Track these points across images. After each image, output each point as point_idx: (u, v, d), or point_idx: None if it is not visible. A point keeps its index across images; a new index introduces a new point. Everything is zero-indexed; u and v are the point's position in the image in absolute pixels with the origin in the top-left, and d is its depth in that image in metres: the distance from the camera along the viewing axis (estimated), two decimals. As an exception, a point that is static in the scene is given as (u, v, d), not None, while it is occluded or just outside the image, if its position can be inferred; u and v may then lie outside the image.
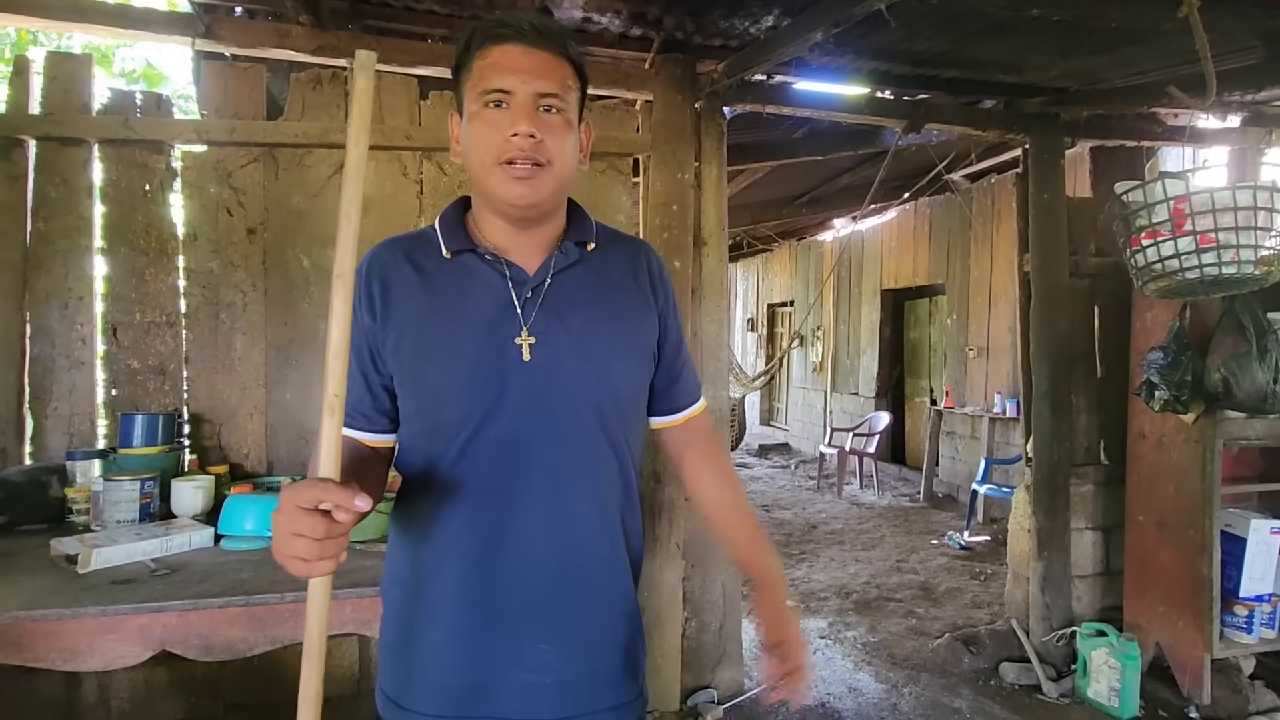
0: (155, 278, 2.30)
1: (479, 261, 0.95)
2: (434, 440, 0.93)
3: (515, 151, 0.88)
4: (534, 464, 0.91)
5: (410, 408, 0.95)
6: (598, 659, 0.96)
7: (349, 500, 0.73)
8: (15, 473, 1.97)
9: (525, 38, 0.89)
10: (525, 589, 0.92)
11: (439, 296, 0.94)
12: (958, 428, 6.43)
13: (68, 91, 2.24)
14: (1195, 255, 1.81)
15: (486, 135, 0.89)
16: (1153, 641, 2.79)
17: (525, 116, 0.87)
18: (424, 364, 0.92)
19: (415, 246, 0.98)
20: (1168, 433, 2.75)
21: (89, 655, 1.37)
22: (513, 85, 0.88)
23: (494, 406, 0.91)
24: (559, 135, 0.90)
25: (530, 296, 0.94)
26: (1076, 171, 3.79)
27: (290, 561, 0.74)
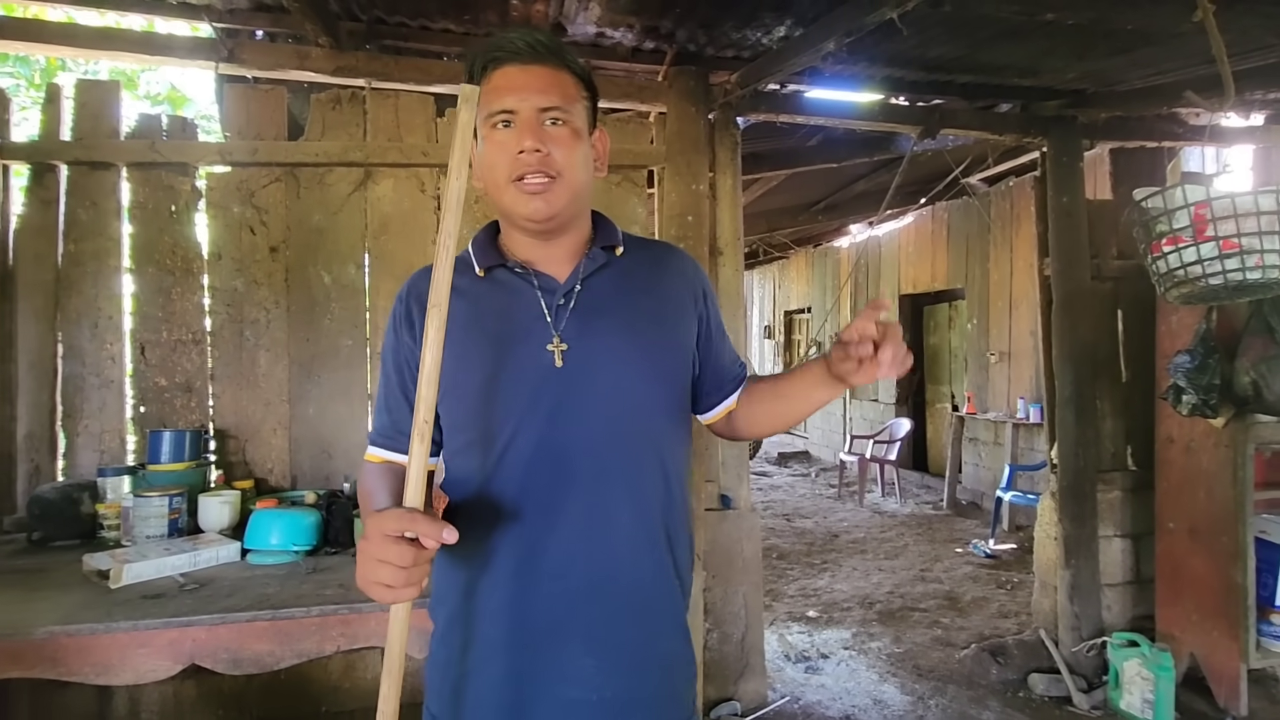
0: (181, 296, 2.35)
1: (510, 275, 0.98)
2: (471, 454, 0.94)
3: (524, 168, 0.90)
4: (571, 473, 0.91)
5: (449, 423, 0.97)
6: (642, 677, 0.94)
7: (437, 532, 0.76)
8: (49, 490, 2.01)
9: (520, 56, 0.91)
10: (566, 602, 0.91)
11: (472, 311, 0.95)
12: (980, 434, 6.35)
13: (97, 117, 2.31)
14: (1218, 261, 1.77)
15: (497, 156, 0.91)
16: (1187, 652, 2.72)
17: (530, 132, 0.89)
18: (459, 378, 0.93)
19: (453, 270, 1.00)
20: (1197, 437, 2.69)
21: (121, 669, 1.40)
22: (514, 104, 0.90)
23: (528, 416, 0.91)
24: (566, 146, 0.91)
25: (562, 304, 0.95)
26: (1096, 173, 3.74)
27: (374, 588, 0.76)
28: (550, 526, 0.91)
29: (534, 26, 0.95)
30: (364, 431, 2.42)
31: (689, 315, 1.03)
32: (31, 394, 2.25)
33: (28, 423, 2.24)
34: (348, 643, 1.52)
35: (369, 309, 2.44)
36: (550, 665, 0.90)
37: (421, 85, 2.49)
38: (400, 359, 0.98)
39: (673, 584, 0.98)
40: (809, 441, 9.96)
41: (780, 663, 3.18)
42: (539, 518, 0.92)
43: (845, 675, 3.08)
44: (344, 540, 1.90)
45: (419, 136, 2.46)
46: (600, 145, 1.01)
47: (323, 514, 1.92)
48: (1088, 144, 3.09)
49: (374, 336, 2.43)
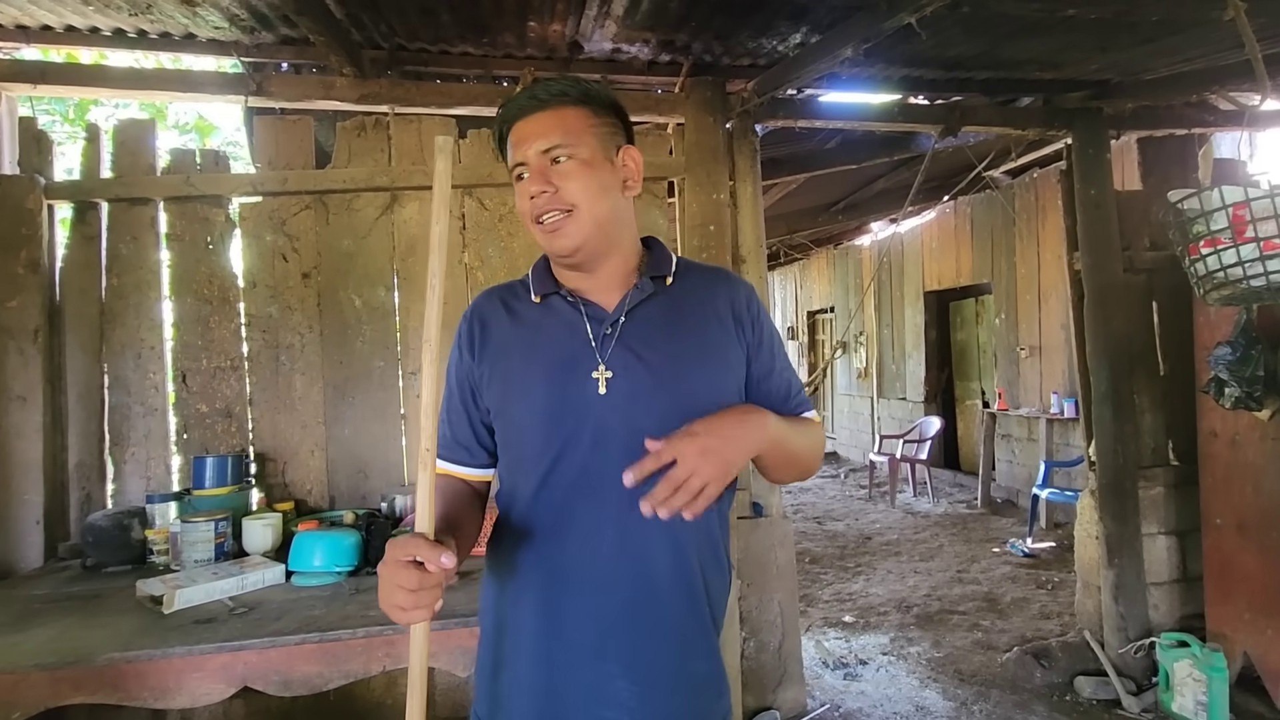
0: (219, 324, 2.42)
1: (562, 302, 1.02)
2: (517, 473, 1.00)
3: (540, 210, 0.96)
4: (610, 498, 0.93)
5: (501, 440, 1.03)
6: (673, 699, 0.96)
7: (435, 556, 0.80)
8: (100, 517, 2.08)
9: (524, 111, 0.97)
10: (600, 623, 0.94)
11: (525, 336, 1.01)
12: (1013, 430, 6.24)
13: (135, 154, 2.39)
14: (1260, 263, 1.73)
15: (521, 205, 1.00)
16: (1240, 651, 2.64)
17: (535, 178, 0.96)
18: (509, 399, 1.00)
19: (510, 293, 1.07)
20: (1242, 431, 2.62)
21: (177, 693, 1.44)
22: (523, 155, 0.97)
23: (570, 440, 0.95)
24: (575, 178, 0.95)
25: (609, 333, 0.98)
26: (1124, 163, 3.67)
27: (391, 610, 0.81)
28: (589, 549, 0.94)
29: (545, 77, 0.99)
30: (398, 450, 2.47)
31: (734, 344, 1.02)
32: (81, 424, 2.33)
33: (78, 452, 2.32)
34: (392, 663, 1.55)
35: (399, 330, 2.48)
36: (586, 684, 0.93)
37: (443, 108, 2.54)
38: (462, 375, 1.04)
39: (704, 608, 0.99)
40: (837, 442, 9.87)
41: (818, 670, 3.16)
42: (578, 539, 0.95)
43: (885, 681, 3.05)
44: (384, 560, 1.93)
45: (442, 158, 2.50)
46: (631, 163, 1.02)
47: (362, 534, 1.96)
48: (1114, 134, 3.04)
49: (405, 357, 2.47)
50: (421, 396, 0.87)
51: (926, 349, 7.56)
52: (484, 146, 2.52)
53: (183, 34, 2.34)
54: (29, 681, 1.39)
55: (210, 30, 2.30)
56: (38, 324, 2.25)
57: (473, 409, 1.04)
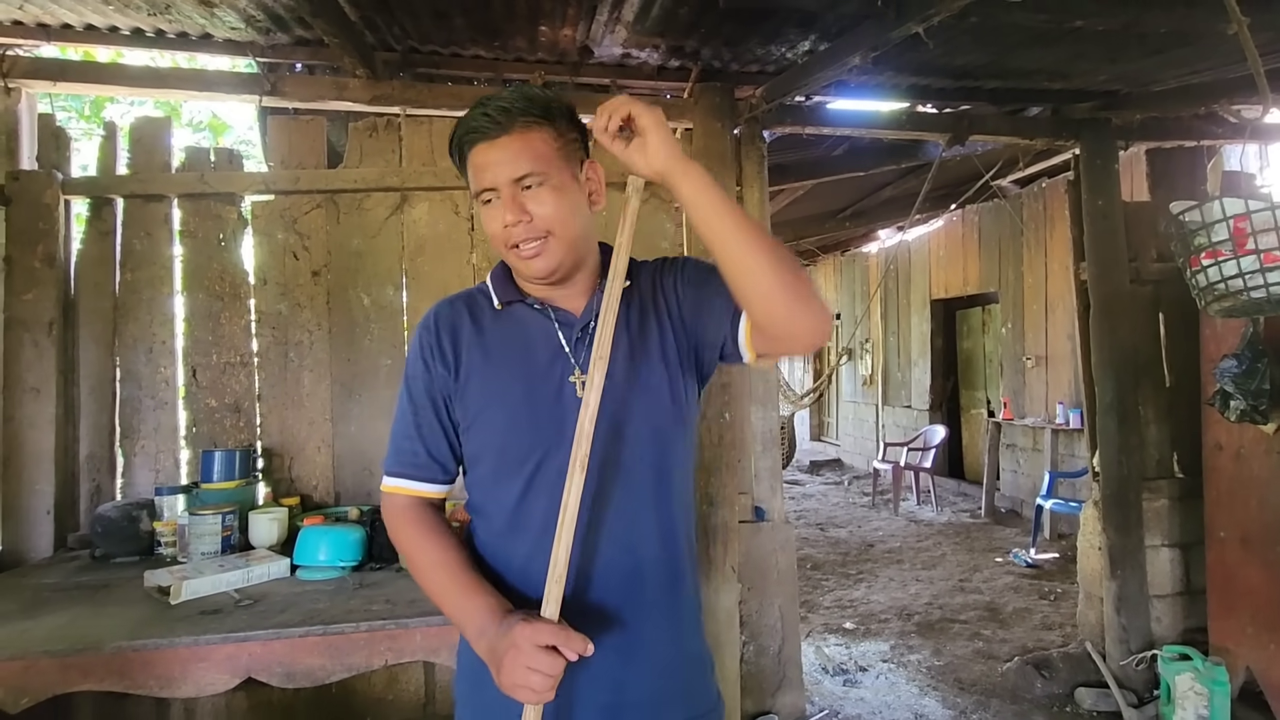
0: (230, 320, 2.45)
1: (528, 310, 1.03)
2: (500, 479, 1.00)
3: (515, 238, 0.95)
4: (597, 492, 0.96)
5: (476, 450, 1.02)
6: (668, 678, 1.00)
7: (582, 646, 0.84)
8: (110, 509, 2.11)
9: (488, 134, 0.93)
10: (591, 616, 0.95)
11: (496, 345, 1.02)
12: (1018, 440, 6.22)
13: (150, 152, 2.43)
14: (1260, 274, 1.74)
15: (490, 227, 0.97)
16: (1242, 665, 2.63)
17: (509, 206, 0.93)
18: (489, 409, 1.00)
19: (471, 301, 1.06)
20: (1247, 444, 2.62)
21: (182, 682, 1.46)
22: (490, 181, 0.94)
23: (554, 443, 0.96)
24: (548, 204, 0.94)
25: (579, 338, 1.01)
26: (1133, 174, 3.68)
27: (521, 691, 0.84)
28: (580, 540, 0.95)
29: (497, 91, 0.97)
30: (404, 448, 2.48)
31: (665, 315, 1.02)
32: (92, 416, 2.36)
33: (89, 444, 2.35)
34: (394, 657, 1.56)
35: (407, 329, 2.51)
36: (584, 674, 0.93)
37: (454, 110, 2.56)
38: (434, 390, 1.02)
39: (690, 587, 1.04)
40: (841, 449, 9.86)
41: (818, 675, 3.16)
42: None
43: (885, 688, 3.05)
44: (388, 556, 1.95)
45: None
46: (595, 178, 1.01)
47: (367, 530, 1.98)
48: (1122, 145, 3.04)
49: (412, 356, 2.49)
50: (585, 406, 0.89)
51: (932, 357, 7.54)
52: (494, 149, 2.54)
53: (199, 34, 2.38)
54: (38, 667, 1.41)
55: (226, 31, 2.34)
56: (52, 317, 2.28)
57: (446, 422, 1.02)
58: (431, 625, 1.57)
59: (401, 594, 1.70)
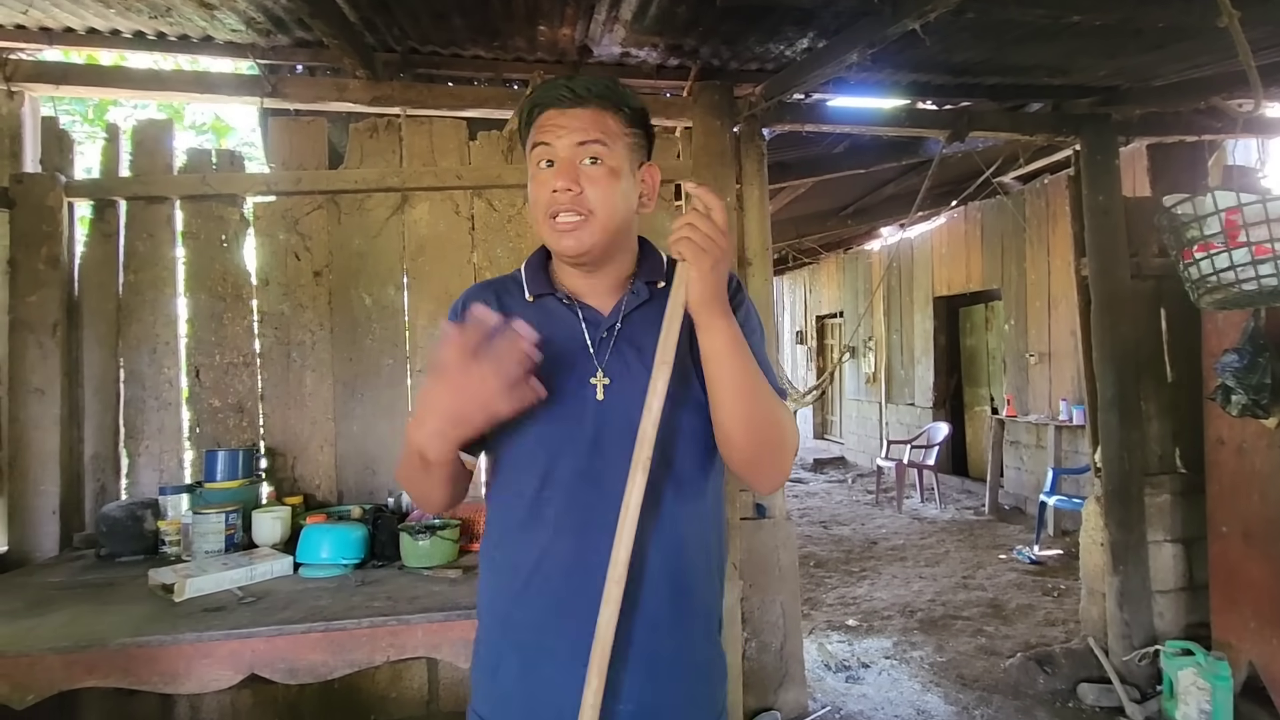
0: (232, 321, 2.46)
1: (557, 304, 1.02)
2: (515, 473, 1.00)
3: (557, 205, 0.94)
4: (607, 496, 0.94)
5: (491, 441, 1.01)
6: (675, 686, 0.98)
7: None
8: (115, 508, 2.12)
9: (562, 102, 0.95)
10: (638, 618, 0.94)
11: None
12: (1022, 437, 6.21)
13: (153, 154, 2.44)
14: (1251, 267, 1.74)
15: (537, 193, 0.97)
16: (1245, 660, 2.63)
17: (562, 172, 0.94)
18: None
19: (503, 288, 1.06)
20: (1248, 438, 2.61)
21: (186, 678, 1.47)
22: (551, 141, 0.95)
23: (570, 442, 0.96)
24: (601, 185, 0.94)
25: (604, 337, 0.99)
26: (1134, 170, 3.66)
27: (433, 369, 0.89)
28: (586, 547, 0.95)
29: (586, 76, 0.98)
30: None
31: None
32: (97, 417, 2.38)
33: (94, 444, 2.37)
34: (396, 653, 1.58)
35: (408, 328, 2.52)
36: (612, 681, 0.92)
37: (454, 110, 2.58)
38: None
39: (702, 597, 1.01)
40: (845, 447, 9.85)
41: (820, 672, 3.16)
42: (576, 538, 0.96)
43: (887, 685, 3.05)
44: (390, 554, 1.97)
45: (452, 160, 2.54)
46: (650, 179, 1.02)
47: (369, 528, 1.99)
48: (1123, 140, 3.03)
49: (414, 355, 2.50)
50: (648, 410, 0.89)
51: (935, 354, 7.54)
52: (494, 149, 2.56)
53: (200, 36, 2.39)
54: (44, 664, 1.43)
55: (227, 33, 2.35)
56: (57, 318, 2.30)
57: None
58: (433, 621, 1.58)
59: (403, 591, 1.72)
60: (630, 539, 0.88)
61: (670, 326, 0.91)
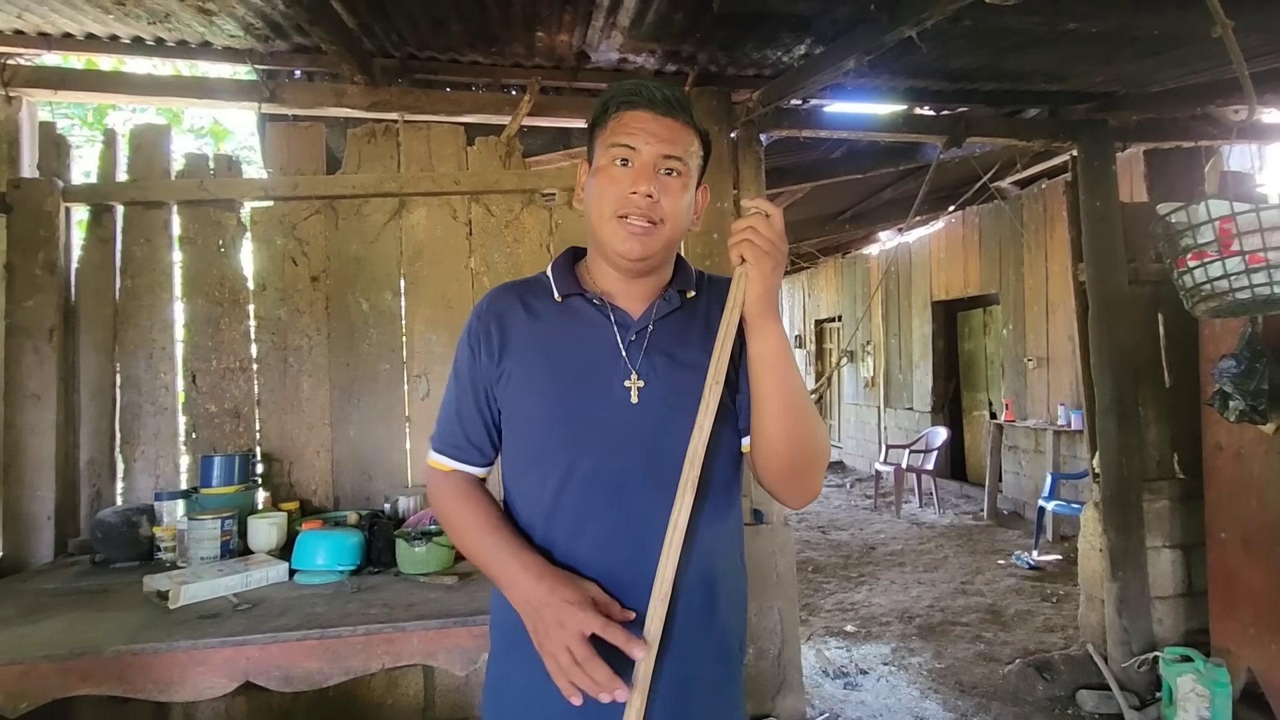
0: (229, 326, 2.46)
1: (586, 305, 1.01)
2: (530, 474, 0.99)
3: (632, 208, 0.94)
4: (624, 502, 0.94)
5: (514, 441, 1.01)
6: (696, 698, 0.96)
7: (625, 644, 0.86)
8: (110, 514, 2.12)
9: (656, 106, 0.95)
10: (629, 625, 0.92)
11: (549, 336, 1.00)
12: (1020, 441, 6.21)
13: (150, 159, 2.44)
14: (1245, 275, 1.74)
15: (608, 189, 0.96)
16: (1244, 667, 2.62)
17: (646, 177, 0.94)
18: (529, 400, 0.98)
19: (529, 290, 1.05)
20: (1247, 444, 2.61)
21: (181, 686, 1.47)
22: (639, 145, 0.95)
23: (594, 444, 0.95)
24: (675, 196, 0.95)
25: (634, 340, 0.99)
26: (1131, 175, 3.67)
27: (548, 658, 0.87)
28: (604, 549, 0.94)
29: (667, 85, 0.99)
30: (402, 452, 2.49)
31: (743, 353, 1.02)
32: (93, 422, 2.37)
33: (90, 449, 2.36)
34: (392, 660, 1.57)
35: (405, 334, 2.52)
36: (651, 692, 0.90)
37: (452, 116, 2.58)
38: (476, 376, 1.02)
39: (721, 612, 0.99)
40: (843, 451, 9.84)
41: (818, 678, 3.15)
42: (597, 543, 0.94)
43: (886, 691, 3.04)
44: (386, 560, 1.96)
45: (450, 165, 2.54)
46: (702, 199, 1.03)
47: (365, 534, 1.98)
48: (1120, 146, 3.04)
49: (411, 360, 2.50)
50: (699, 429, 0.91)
51: (934, 359, 7.54)
52: (492, 154, 2.56)
53: (199, 42, 2.39)
54: (38, 672, 1.42)
55: (226, 38, 2.36)
56: (53, 323, 2.29)
57: (485, 410, 1.02)
58: (429, 629, 1.57)
59: (399, 598, 1.71)
60: (677, 554, 0.89)
61: (724, 345, 0.93)
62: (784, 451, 0.96)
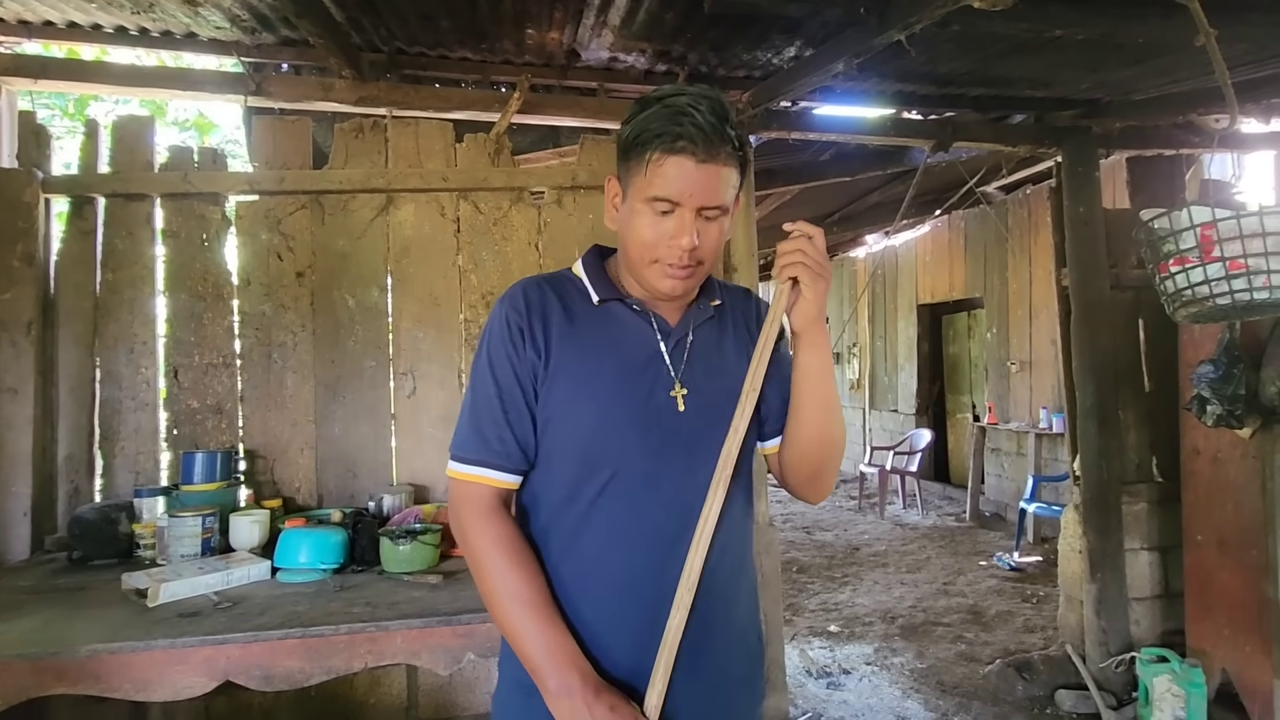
0: (212, 321, 2.43)
1: (626, 310, 1.00)
2: (577, 479, 0.95)
3: (674, 257, 0.92)
4: (668, 503, 0.95)
5: (557, 446, 0.96)
6: (727, 694, 0.99)
7: None
8: (88, 510, 2.08)
9: (698, 150, 0.88)
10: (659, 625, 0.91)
11: (591, 340, 0.98)
12: (1003, 444, 6.28)
13: (133, 151, 2.41)
14: (1225, 281, 1.78)
15: (647, 235, 0.92)
16: (1219, 668, 2.67)
17: (688, 229, 0.90)
18: (580, 405, 0.95)
19: (560, 289, 1.01)
20: (1223, 448, 2.66)
21: (159, 686, 1.44)
22: (681, 199, 0.90)
23: (640, 448, 0.94)
24: (714, 237, 0.94)
25: (675, 348, 0.99)
26: (1114, 182, 3.72)
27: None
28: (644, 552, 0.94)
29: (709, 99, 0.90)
30: (387, 450, 2.47)
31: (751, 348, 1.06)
32: (71, 417, 2.33)
33: (68, 445, 2.33)
34: (375, 659, 1.56)
35: (392, 330, 2.50)
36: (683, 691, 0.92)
37: (441, 112, 2.57)
38: (523, 374, 0.95)
39: (752, 605, 1.04)
40: (829, 453, 9.88)
41: (801, 678, 3.17)
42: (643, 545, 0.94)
43: (868, 691, 3.06)
44: (370, 559, 1.94)
45: (438, 162, 2.53)
46: (735, 207, 1.00)
47: (349, 532, 1.97)
48: (1103, 153, 3.08)
49: (397, 358, 2.48)
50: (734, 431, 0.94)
51: (919, 362, 7.60)
52: (480, 151, 2.54)
53: (184, 33, 2.37)
54: (11, 671, 1.40)
55: (211, 30, 2.33)
56: (31, 316, 2.25)
57: (534, 407, 0.96)
58: (412, 628, 1.56)
59: (383, 596, 1.70)
60: (704, 550, 0.90)
61: (763, 355, 0.96)
62: (816, 454, 1.03)
